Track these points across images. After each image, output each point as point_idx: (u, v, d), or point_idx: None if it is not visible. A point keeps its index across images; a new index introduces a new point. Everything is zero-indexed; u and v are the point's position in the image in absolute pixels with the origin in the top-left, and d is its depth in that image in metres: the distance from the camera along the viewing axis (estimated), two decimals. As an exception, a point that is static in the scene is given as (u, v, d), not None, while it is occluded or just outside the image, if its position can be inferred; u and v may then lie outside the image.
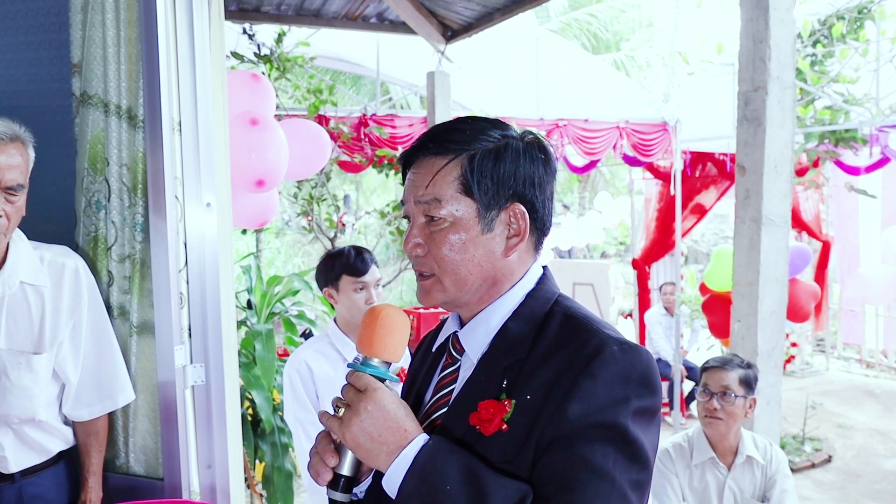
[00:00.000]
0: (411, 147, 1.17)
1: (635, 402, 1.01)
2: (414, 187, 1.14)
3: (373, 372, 1.06)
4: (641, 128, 8.12)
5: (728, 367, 2.66)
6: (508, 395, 1.05)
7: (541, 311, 1.13)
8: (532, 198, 1.13)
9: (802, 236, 9.16)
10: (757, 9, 3.48)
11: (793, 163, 3.69)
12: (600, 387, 1.00)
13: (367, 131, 7.19)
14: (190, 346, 2.14)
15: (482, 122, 1.15)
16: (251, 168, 2.87)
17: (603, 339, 1.04)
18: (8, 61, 2.28)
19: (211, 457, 2.15)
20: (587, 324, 1.09)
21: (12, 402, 1.84)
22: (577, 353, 1.03)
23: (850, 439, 6.69)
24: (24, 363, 1.85)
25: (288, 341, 4.00)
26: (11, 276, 1.85)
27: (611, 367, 1.01)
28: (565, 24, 15.08)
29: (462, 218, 1.10)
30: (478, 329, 1.15)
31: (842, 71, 6.25)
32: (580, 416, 0.99)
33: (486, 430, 1.04)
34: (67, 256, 1.96)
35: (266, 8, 6.45)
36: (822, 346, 9.85)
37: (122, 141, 2.10)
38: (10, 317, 1.85)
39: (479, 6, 6.28)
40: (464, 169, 1.10)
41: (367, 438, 1.02)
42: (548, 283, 1.18)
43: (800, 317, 5.86)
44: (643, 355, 1.05)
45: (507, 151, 1.11)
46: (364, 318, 1.11)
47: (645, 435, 1.02)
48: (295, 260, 15.14)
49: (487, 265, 1.12)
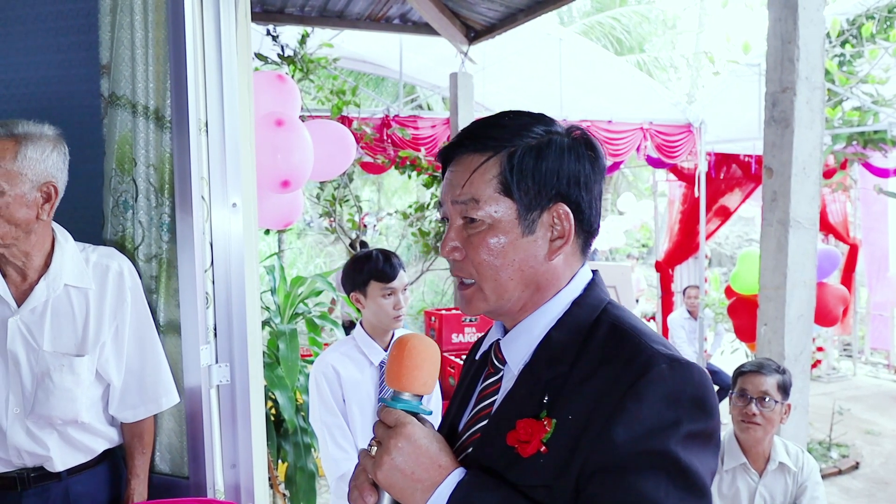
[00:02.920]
0: (449, 143, 1.11)
1: (686, 425, 0.92)
2: (451, 186, 1.08)
3: (404, 406, 1.01)
4: (665, 129, 8.07)
5: (766, 372, 2.61)
6: (549, 414, 0.98)
7: (587, 319, 1.05)
8: (577, 197, 1.05)
9: (829, 239, 9.04)
10: (785, 8, 3.43)
11: (821, 165, 3.64)
12: (647, 409, 0.92)
13: (389, 132, 7.22)
14: (215, 345, 2.14)
15: (525, 116, 1.08)
16: (276, 169, 2.88)
17: (651, 356, 0.96)
18: (38, 63, 2.31)
19: (235, 456, 2.16)
20: (635, 337, 1.00)
21: (55, 404, 1.85)
22: (623, 371, 0.95)
23: (878, 446, 6.58)
24: (66, 365, 1.85)
25: (311, 342, 4.01)
26: (56, 278, 1.86)
27: (658, 388, 0.93)
28: (588, 26, 15.02)
29: (501, 219, 1.04)
30: (519, 338, 1.08)
31: (871, 71, 6.16)
32: (627, 441, 0.91)
33: (524, 452, 0.97)
34: (112, 258, 1.97)
35: (290, 9, 6.49)
36: (848, 351, 9.71)
37: (150, 141, 2.11)
38: (54, 319, 1.87)
39: (503, 7, 6.26)
40: (503, 167, 1.04)
41: (399, 477, 0.96)
42: (596, 289, 1.09)
43: (828, 321, 5.77)
44: (695, 373, 0.96)
45: (550, 148, 1.04)
46: (391, 351, 1.05)
47: (700, 461, 0.93)
48: (317, 261, 15.21)
49: (529, 270, 1.05)
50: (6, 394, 1.85)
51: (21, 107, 2.30)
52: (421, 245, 7.81)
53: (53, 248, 1.88)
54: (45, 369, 1.85)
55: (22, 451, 1.86)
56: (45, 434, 1.88)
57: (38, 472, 1.88)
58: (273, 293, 3.99)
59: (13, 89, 2.34)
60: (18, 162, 1.76)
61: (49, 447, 1.88)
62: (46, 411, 1.85)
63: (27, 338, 1.85)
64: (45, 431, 1.88)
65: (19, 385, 1.85)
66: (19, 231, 1.79)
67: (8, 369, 1.85)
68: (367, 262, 2.51)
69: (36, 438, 1.87)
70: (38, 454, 1.87)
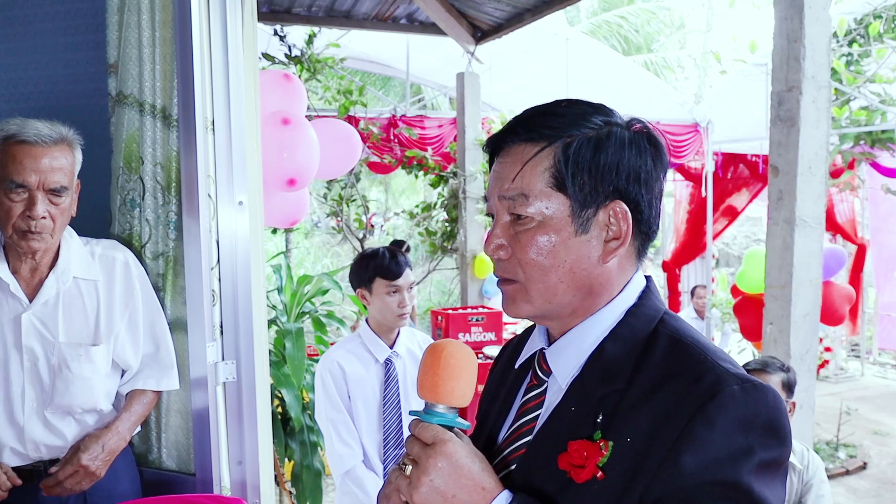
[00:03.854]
0: (499, 132, 1.01)
1: (760, 453, 0.85)
2: (499, 180, 0.98)
3: (439, 421, 0.93)
4: (672, 129, 8.06)
5: (770, 371, 2.61)
6: (604, 435, 0.90)
7: (643, 331, 0.96)
8: (636, 195, 0.96)
9: (837, 239, 9.01)
10: (792, 7, 3.43)
11: (827, 164, 3.63)
12: (718, 435, 0.84)
13: (396, 132, 7.23)
14: (222, 342, 2.16)
15: (583, 105, 0.99)
16: (283, 167, 2.90)
17: (720, 376, 0.87)
18: (46, 62, 2.33)
19: (241, 453, 2.17)
20: (700, 353, 0.92)
21: (74, 393, 1.90)
22: (689, 391, 0.87)
23: (886, 446, 6.56)
24: (83, 354, 1.91)
25: (317, 340, 4.02)
26: (65, 272, 1.91)
27: (730, 412, 0.85)
28: (595, 25, 15.01)
29: (553, 217, 0.95)
30: (568, 348, 0.99)
31: (878, 71, 6.13)
32: (696, 470, 0.84)
33: (579, 477, 0.89)
34: (117, 249, 2.03)
35: (297, 10, 6.51)
36: (856, 351, 9.67)
37: (157, 140, 2.13)
38: (66, 311, 1.92)
39: (509, 7, 6.27)
40: (557, 159, 0.95)
41: (439, 500, 0.88)
42: (651, 297, 1.01)
43: (834, 320, 5.76)
44: (769, 396, 0.88)
45: (609, 140, 0.96)
46: (424, 359, 0.96)
47: (771, 491, 0.85)
48: (324, 261, 15.24)
49: (581, 273, 0.96)
50: (22, 388, 1.89)
51: (29, 106, 2.32)
52: (428, 245, 7.82)
53: (60, 243, 1.93)
54: (63, 360, 1.89)
55: (40, 444, 1.90)
56: (63, 424, 1.92)
57: (54, 465, 1.91)
58: (280, 292, 4.00)
59: (21, 88, 2.36)
60: (76, 166, 1.89)
61: (67, 438, 1.92)
62: (67, 401, 1.90)
63: (41, 331, 1.89)
64: (64, 422, 1.92)
65: (38, 378, 1.89)
66: (65, 228, 1.91)
67: (23, 365, 1.88)
68: (373, 259, 2.52)
69: (54, 430, 1.91)
70: (55, 446, 1.91)
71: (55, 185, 1.80)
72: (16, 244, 1.83)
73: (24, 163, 1.77)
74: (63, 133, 1.85)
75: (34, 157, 1.78)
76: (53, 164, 1.80)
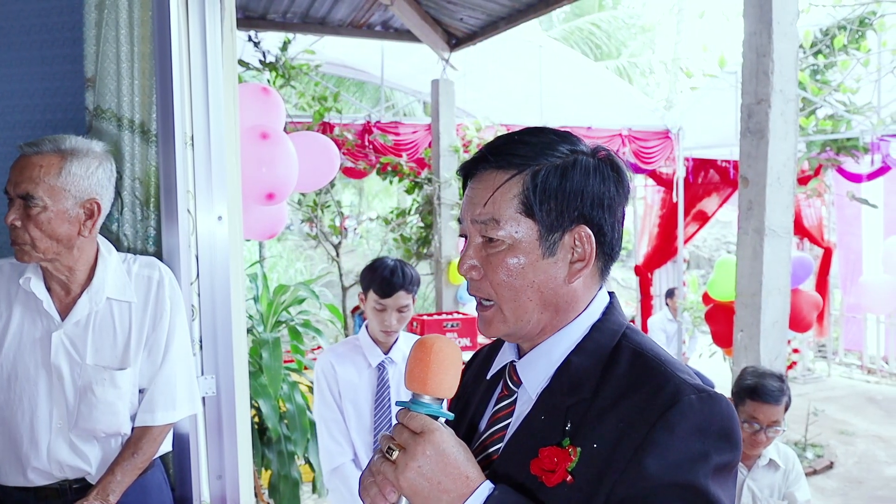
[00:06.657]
0: (471, 159, 1.07)
1: (714, 457, 0.92)
2: (471, 204, 1.04)
3: (427, 411, 0.97)
4: (644, 135, 8.16)
5: (776, 401, 2.54)
6: (573, 442, 0.96)
7: (608, 345, 1.03)
8: (600, 220, 1.02)
9: (804, 243, 9.18)
10: (760, 22, 3.51)
11: (795, 174, 3.72)
12: (678, 441, 0.91)
13: (371, 138, 7.23)
14: (201, 357, 2.16)
15: (550, 134, 1.05)
16: (262, 181, 2.90)
17: (679, 386, 0.95)
18: (22, 76, 2.31)
19: (221, 467, 2.18)
20: (660, 365, 0.99)
21: (98, 418, 1.84)
22: (651, 400, 0.94)
23: (852, 446, 6.69)
24: (108, 379, 1.85)
25: (294, 350, 4.02)
26: (99, 292, 1.86)
27: (689, 419, 0.92)
28: (568, 31, 15.14)
29: (522, 240, 1.01)
30: (538, 361, 1.05)
31: (843, 81, 6.28)
32: (657, 473, 0.90)
33: (549, 482, 0.95)
34: (153, 268, 1.96)
35: (272, 16, 6.50)
36: (823, 353, 9.86)
37: (135, 155, 2.13)
38: (96, 333, 1.87)
39: (484, 15, 6.32)
40: (525, 186, 1.00)
41: (425, 485, 0.92)
42: (615, 313, 1.08)
43: (802, 327, 5.87)
44: (723, 405, 0.95)
45: (574, 169, 1.01)
46: (413, 352, 1.01)
47: (724, 492, 0.93)
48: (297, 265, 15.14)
49: (548, 292, 1.02)
50: (49, 408, 1.85)
51: (6, 119, 2.31)
52: (403, 251, 7.83)
53: (97, 261, 1.89)
54: (88, 383, 1.84)
55: (64, 464, 1.86)
56: (88, 447, 1.87)
57: (80, 484, 1.88)
58: (256, 301, 4.00)
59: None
60: (62, 177, 1.79)
61: (91, 461, 1.87)
62: (90, 425, 1.84)
63: (70, 351, 1.85)
64: (88, 444, 1.87)
65: (63, 399, 1.85)
66: (61, 246, 1.81)
67: (52, 383, 1.84)
68: (375, 270, 2.48)
69: (79, 452, 1.86)
70: (79, 468, 1.87)
71: (22, 192, 1.77)
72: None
73: (10, 171, 1.80)
74: (58, 145, 1.80)
75: (17, 165, 1.80)
76: (25, 172, 1.77)
